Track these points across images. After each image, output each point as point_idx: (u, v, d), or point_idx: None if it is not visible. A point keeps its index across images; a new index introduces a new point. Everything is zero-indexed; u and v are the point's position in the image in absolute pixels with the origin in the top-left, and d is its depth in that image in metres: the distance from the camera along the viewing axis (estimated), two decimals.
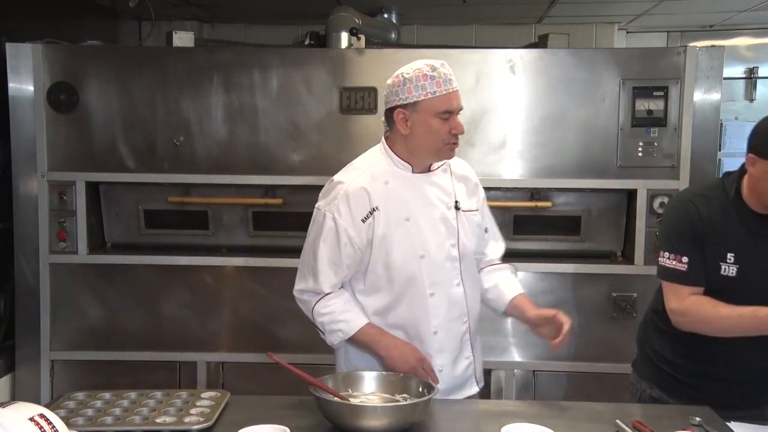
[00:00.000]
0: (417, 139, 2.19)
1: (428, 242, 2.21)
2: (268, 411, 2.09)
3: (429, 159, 2.24)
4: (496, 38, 4.86)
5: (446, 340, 2.27)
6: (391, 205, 2.20)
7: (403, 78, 2.18)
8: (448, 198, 2.27)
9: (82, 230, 3.49)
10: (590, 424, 2.02)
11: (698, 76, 3.34)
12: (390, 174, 2.23)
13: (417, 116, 2.16)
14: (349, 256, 2.20)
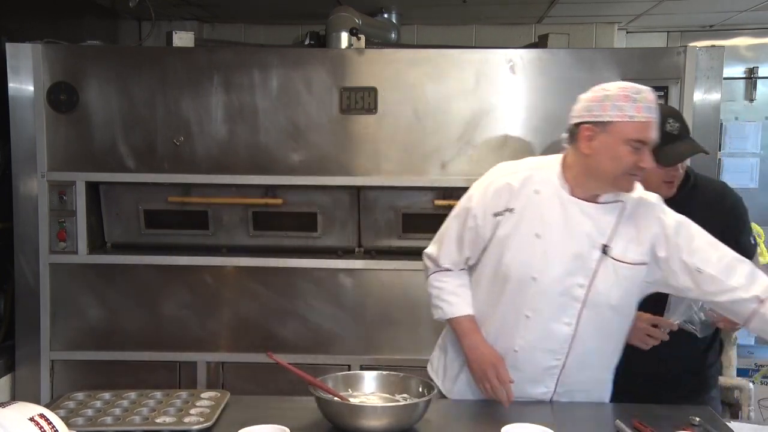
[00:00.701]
0: (597, 162, 1.99)
1: (547, 269, 2.05)
2: (268, 411, 2.10)
3: (603, 187, 2.04)
4: (496, 38, 4.85)
5: (525, 363, 2.14)
6: (528, 215, 2.07)
7: (604, 94, 1.99)
8: (599, 237, 2.04)
9: (82, 230, 3.49)
10: (590, 424, 2.02)
11: (698, 76, 3.34)
12: (548, 184, 2.08)
13: (605, 137, 1.97)
14: (471, 241, 2.17)
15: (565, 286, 2.05)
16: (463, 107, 3.43)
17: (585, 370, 2.16)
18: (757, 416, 3.95)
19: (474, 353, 2.15)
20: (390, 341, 3.50)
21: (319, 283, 3.51)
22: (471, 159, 3.43)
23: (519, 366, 2.14)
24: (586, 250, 2.04)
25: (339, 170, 3.46)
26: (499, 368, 2.10)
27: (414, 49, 3.80)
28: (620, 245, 2.05)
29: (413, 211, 3.60)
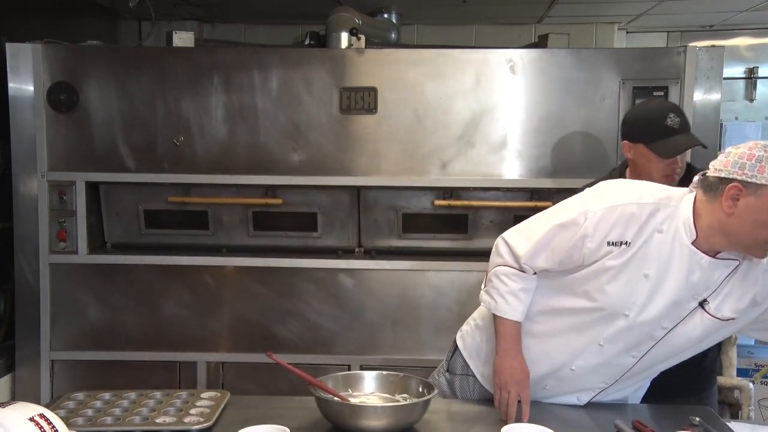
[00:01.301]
0: (737, 224, 1.82)
1: (644, 311, 1.95)
2: (268, 411, 2.10)
3: (734, 249, 1.90)
4: (496, 38, 4.85)
5: (574, 380, 2.13)
6: (644, 253, 1.92)
7: (762, 155, 1.79)
8: (704, 290, 1.94)
9: (82, 230, 3.49)
10: (590, 424, 2.02)
11: (698, 76, 3.34)
12: (670, 225, 1.92)
13: (754, 201, 1.79)
14: (571, 260, 1.99)
15: (650, 327, 1.99)
16: (463, 107, 3.43)
17: (623, 387, 2.16)
18: (757, 416, 3.94)
19: (505, 361, 2.07)
20: (390, 341, 3.50)
21: (319, 283, 3.51)
22: (471, 159, 3.43)
23: (565, 380, 2.12)
24: (686, 299, 1.95)
25: (339, 170, 3.46)
26: (523, 386, 2.05)
27: (414, 49, 3.80)
28: (718, 300, 1.95)
29: (413, 211, 3.60)
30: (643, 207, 1.92)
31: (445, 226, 3.64)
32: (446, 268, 3.48)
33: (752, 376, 4.06)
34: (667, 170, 2.38)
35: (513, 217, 3.57)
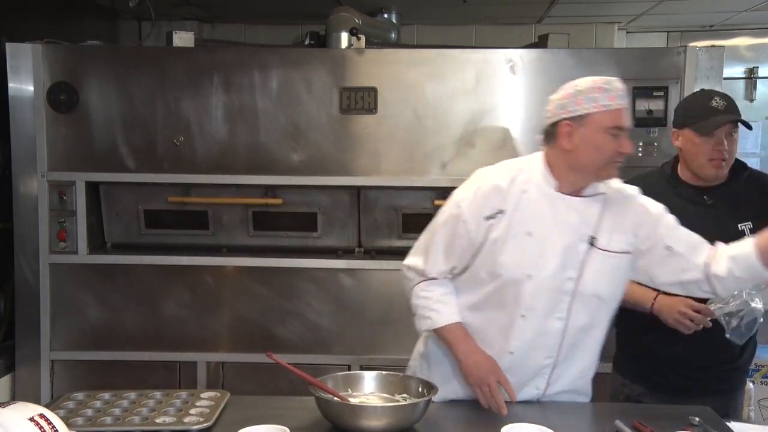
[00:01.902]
0: (580, 155, 2.03)
1: (541, 265, 2.07)
2: (268, 411, 2.10)
3: (588, 178, 2.08)
4: (496, 38, 4.85)
5: (519, 364, 2.15)
6: (518, 215, 2.08)
7: (575, 90, 2.03)
8: (586, 230, 2.09)
9: (82, 230, 3.49)
10: (590, 424, 2.02)
11: (698, 76, 3.34)
12: (533, 183, 2.11)
13: (584, 130, 2.01)
14: (462, 248, 2.13)
15: (557, 281, 2.08)
16: (463, 107, 3.43)
17: (573, 366, 2.19)
18: (757, 416, 3.94)
19: (469, 360, 2.11)
20: (390, 341, 3.49)
21: (319, 283, 3.51)
22: (471, 159, 3.42)
23: (512, 369, 2.13)
24: (575, 243, 2.08)
25: (339, 170, 3.46)
26: (497, 373, 2.09)
27: (414, 49, 3.80)
28: (605, 236, 2.09)
29: (413, 211, 3.60)
30: (503, 177, 2.13)
31: None
32: None
33: (752, 376, 4.05)
34: (713, 153, 2.38)
35: None
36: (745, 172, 2.52)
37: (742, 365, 2.58)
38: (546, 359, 2.15)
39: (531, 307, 2.09)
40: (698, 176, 2.46)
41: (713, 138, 2.38)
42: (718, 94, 2.46)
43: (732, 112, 2.40)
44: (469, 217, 2.10)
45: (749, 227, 2.40)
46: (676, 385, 2.49)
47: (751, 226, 2.40)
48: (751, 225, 2.41)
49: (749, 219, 2.42)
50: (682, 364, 2.47)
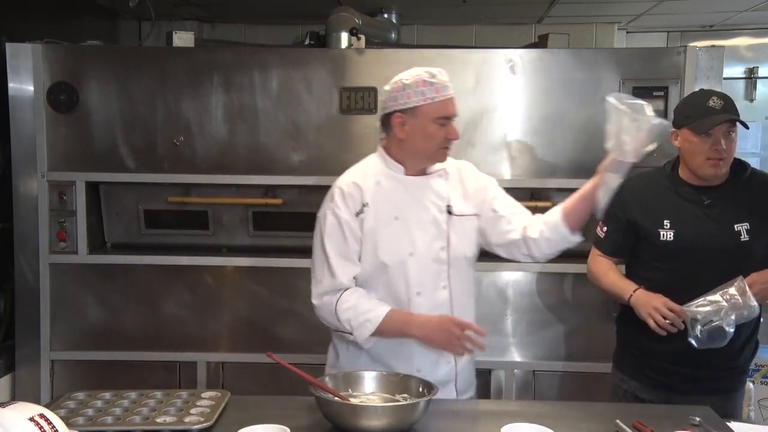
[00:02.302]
0: (413, 144, 2.24)
1: (417, 241, 2.25)
2: (268, 411, 2.10)
3: (423, 163, 2.29)
4: (496, 38, 4.85)
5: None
6: (381, 204, 2.25)
7: (403, 84, 2.21)
8: (441, 201, 2.30)
9: (82, 230, 3.49)
10: (590, 424, 2.02)
11: (698, 76, 3.34)
12: (382, 174, 2.29)
13: (414, 121, 2.21)
14: (354, 248, 2.26)
15: (433, 252, 2.26)
16: (463, 107, 3.38)
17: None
18: (757, 416, 3.94)
19: (426, 329, 2.18)
20: None
21: None
22: (471, 159, 3.36)
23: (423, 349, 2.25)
24: (437, 215, 2.28)
25: (339, 170, 3.42)
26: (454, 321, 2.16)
27: (414, 49, 3.80)
28: (457, 203, 2.31)
29: None
30: (356, 176, 2.30)
31: None
32: None
33: (752, 376, 4.05)
34: (711, 153, 2.40)
35: None
36: (746, 173, 2.54)
37: (741, 365, 2.59)
38: None
39: (421, 283, 2.25)
40: (697, 176, 2.48)
41: (711, 137, 2.40)
42: (716, 93, 2.48)
43: (729, 111, 2.42)
44: (349, 218, 2.25)
45: (746, 228, 2.43)
46: (674, 384, 2.51)
47: (748, 227, 2.43)
48: (748, 226, 2.43)
49: (746, 220, 2.44)
50: (680, 363, 2.48)
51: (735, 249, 2.43)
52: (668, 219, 2.48)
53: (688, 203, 2.48)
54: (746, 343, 2.55)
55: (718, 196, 2.47)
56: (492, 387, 3.48)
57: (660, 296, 2.40)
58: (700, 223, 2.46)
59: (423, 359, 2.27)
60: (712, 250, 2.43)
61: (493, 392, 3.48)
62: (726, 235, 2.43)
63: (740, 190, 2.49)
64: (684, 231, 2.46)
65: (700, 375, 2.49)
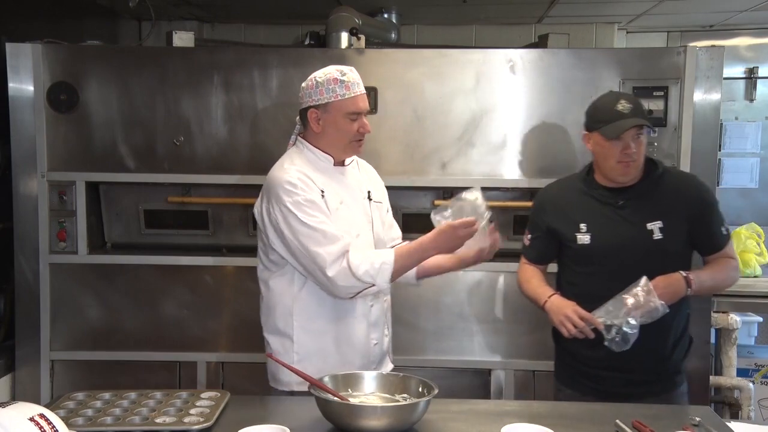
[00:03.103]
0: (327, 137, 2.39)
1: (359, 224, 2.42)
2: (268, 411, 2.10)
3: (339, 154, 2.43)
4: (496, 38, 4.85)
5: (378, 314, 2.47)
6: (328, 190, 2.37)
7: (316, 81, 2.35)
8: (363, 189, 2.49)
9: (82, 230, 3.49)
10: (590, 424, 2.02)
11: (698, 76, 3.34)
12: (314, 166, 2.40)
13: (328, 116, 2.36)
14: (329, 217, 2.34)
15: (368, 234, 2.45)
16: (463, 107, 3.43)
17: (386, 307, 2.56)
18: (757, 416, 3.95)
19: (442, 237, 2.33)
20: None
21: None
22: (471, 159, 3.43)
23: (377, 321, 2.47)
24: (362, 201, 2.47)
25: None
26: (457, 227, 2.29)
27: (414, 49, 3.80)
28: (372, 190, 2.52)
29: (413, 211, 3.59)
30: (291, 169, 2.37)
31: None
32: None
33: (752, 376, 4.05)
34: (621, 156, 2.41)
35: (513, 217, 3.57)
36: (657, 171, 2.52)
37: (674, 364, 2.53)
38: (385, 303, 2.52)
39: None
40: (609, 178, 2.49)
41: (621, 141, 2.41)
42: (625, 96, 2.50)
43: (637, 115, 2.42)
44: (317, 198, 2.32)
45: (659, 226, 2.43)
46: (609, 389, 2.45)
47: (661, 225, 2.43)
48: (661, 224, 2.43)
49: (659, 218, 2.44)
50: (612, 368, 2.45)
51: (649, 248, 2.43)
52: (584, 222, 2.49)
53: (603, 206, 2.50)
54: (677, 343, 2.51)
55: (630, 197, 2.48)
56: (492, 387, 3.48)
57: (571, 304, 2.41)
58: (614, 225, 2.47)
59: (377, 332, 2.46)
60: (627, 250, 2.44)
61: (493, 392, 3.48)
62: (639, 235, 2.44)
63: (652, 189, 2.49)
64: (599, 233, 2.48)
65: (633, 378, 2.46)
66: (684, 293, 2.38)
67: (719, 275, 2.51)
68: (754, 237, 4.13)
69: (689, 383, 2.62)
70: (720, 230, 2.50)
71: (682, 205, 2.47)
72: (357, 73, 2.39)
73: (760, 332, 4.40)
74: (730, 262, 2.52)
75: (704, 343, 3.41)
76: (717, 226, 2.50)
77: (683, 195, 2.49)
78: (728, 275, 2.53)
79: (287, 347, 2.41)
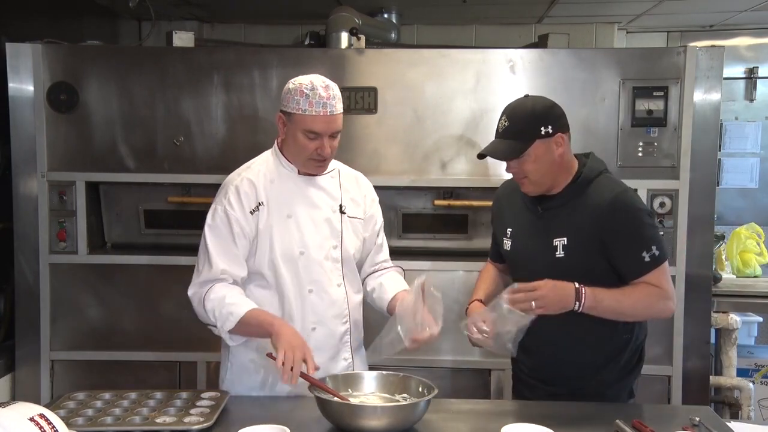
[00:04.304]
0: (288, 147, 2.32)
1: (308, 240, 2.30)
2: (268, 411, 2.10)
3: (299, 167, 2.33)
4: (496, 38, 4.85)
5: (324, 338, 2.32)
6: (274, 202, 2.29)
7: (288, 87, 2.27)
8: (333, 201, 2.37)
9: (82, 230, 3.49)
10: (590, 424, 2.02)
11: (698, 76, 3.34)
12: (276, 173, 2.34)
13: (290, 126, 2.28)
14: (243, 247, 2.28)
15: (326, 250, 2.32)
16: (463, 107, 3.43)
17: (357, 328, 2.43)
18: (757, 416, 3.95)
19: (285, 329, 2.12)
20: None
21: None
22: (471, 159, 3.43)
23: (320, 345, 2.29)
24: (330, 214, 2.34)
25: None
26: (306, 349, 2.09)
27: (414, 49, 3.80)
28: (348, 205, 2.39)
29: (413, 211, 3.60)
30: (252, 174, 2.33)
31: (445, 226, 3.63)
32: (446, 268, 3.47)
33: (752, 376, 4.05)
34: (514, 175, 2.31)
35: None
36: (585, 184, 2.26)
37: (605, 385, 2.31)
38: (342, 325, 2.35)
39: (313, 281, 2.30)
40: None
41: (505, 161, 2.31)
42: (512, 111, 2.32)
43: (510, 136, 2.27)
44: (240, 216, 2.27)
45: (563, 243, 2.23)
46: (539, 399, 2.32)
47: (565, 243, 2.23)
48: (566, 241, 2.23)
49: (564, 235, 2.24)
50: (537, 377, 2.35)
51: (550, 265, 2.24)
52: (511, 227, 2.39)
53: (528, 213, 2.35)
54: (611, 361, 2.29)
55: (550, 207, 2.29)
56: (492, 387, 3.48)
57: (479, 311, 2.26)
58: (529, 235, 2.33)
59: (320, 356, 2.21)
60: (535, 263, 2.29)
61: (493, 392, 3.48)
62: (544, 249, 2.27)
63: (571, 201, 2.26)
64: (517, 241, 2.37)
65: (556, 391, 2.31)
66: (572, 306, 2.14)
67: (627, 299, 2.19)
68: (754, 237, 4.13)
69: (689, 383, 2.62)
70: (639, 256, 2.19)
71: (590, 223, 2.21)
72: (335, 92, 2.25)
73: (760, 332, 4.40)
74: (650, 288, 2.20)
75: (704, 343, 3.42)
76: (634, 250, 2.19)
77: (595, 212, 2.21)
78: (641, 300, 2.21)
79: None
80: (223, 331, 2.21)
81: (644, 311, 2.26)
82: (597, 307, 2.16)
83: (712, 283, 3.50)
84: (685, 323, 3.35)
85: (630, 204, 2.23)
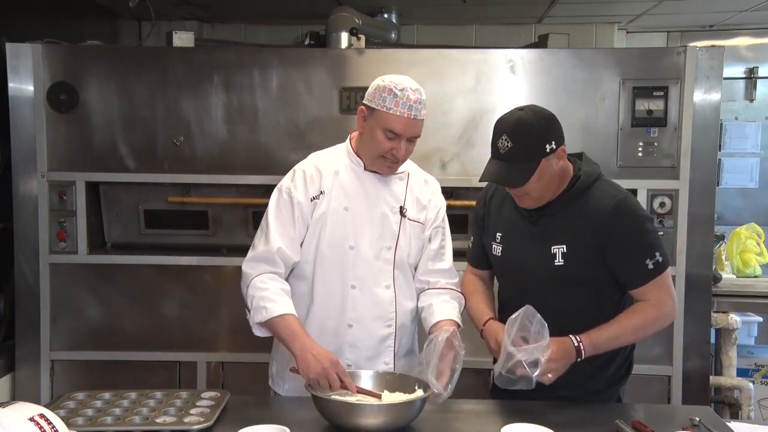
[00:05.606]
0: (363, 142, 2.31)
1: (361, 236, 2.29)
2: (268, 411, 2.10)
3: (367, 163, 2.32)
4: (496, 38, 4.85)
5: (362, 337, 2.30)
6: (335, 193, 2.30)
7: (377, 84, 2.25)
8: (395, 202, 2.34)
9: (82, 230, 3.49)
10: (590, 424, 2.02)
11: (698, 76, 3.34)
12: (342, 165, 2.34)
13: (371, 121, 2.25)
14: (300, 231, 2.29)
15: (377, 249, 2.29)
16: (463, 107, 3.43)
17: (406, 335, 2.38)
18: (757, 416, 3.95)
19: (307, 354, 2.08)
20: None
21: None
22: (471, 159, 3.42)
23: (355, 342, 2.29)
24: (388, 214, 2.32)
25: None
26: (337, 367, 2.06)
27: (414, 49, 3.80)
28: (411, 208, 2.35)
29: None
30: (320, 162, 2.34)
31: None
32: None
33: (752, 376, 4.05)
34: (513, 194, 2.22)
35: None
36: (583, 189, 2.21)
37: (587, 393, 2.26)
38: (385, 328, 2.31)
39: (358, 278, 2.28)
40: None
41: None
42: (512, 130, 2.16)
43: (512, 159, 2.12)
44: (303, 200, 2.28)
45: (562, 251, 2.17)
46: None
47: (564, 250, 2.17)
48: (565, 249, 2.17)
49: (563, 242, 2.18)
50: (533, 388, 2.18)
51: (548, 274, 2.19)
52: (500, 232, 2.30)
53: (521, 218, 2.26)
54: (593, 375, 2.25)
55: (546, 213, 2.22)
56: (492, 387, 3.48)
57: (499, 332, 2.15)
58: (523, 241, 2.25)
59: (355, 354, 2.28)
60: (529, 272, 2.23)
61: None
62: (542, 257, 2.20)
63: (568, 208, 2.20)
64: (509, 247, 2.28)
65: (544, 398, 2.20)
66: (575, 360, 2.10)
67: (625, 333, 2.15)
68: (754, 237, 4.13)
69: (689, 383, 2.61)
70: (642, 264, 2.14)
71: (590, 230, 2.15)
72: (422, 97, 2.22)
73: (760, 332, 4.40)
74: (646, 311, 2.15)
75: (704, 343, 3.41)
76: (638, 258, 2.14)
77: (595, 219, 2.15)
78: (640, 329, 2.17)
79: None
80: (252, 320, 2.24)
81: (646, 334, 2.22)
82: (598, 351, 2.13)
83: (712, 283, 3.50)
84: (685, 323, 3.35)
85: (632, 211, 2.18)
